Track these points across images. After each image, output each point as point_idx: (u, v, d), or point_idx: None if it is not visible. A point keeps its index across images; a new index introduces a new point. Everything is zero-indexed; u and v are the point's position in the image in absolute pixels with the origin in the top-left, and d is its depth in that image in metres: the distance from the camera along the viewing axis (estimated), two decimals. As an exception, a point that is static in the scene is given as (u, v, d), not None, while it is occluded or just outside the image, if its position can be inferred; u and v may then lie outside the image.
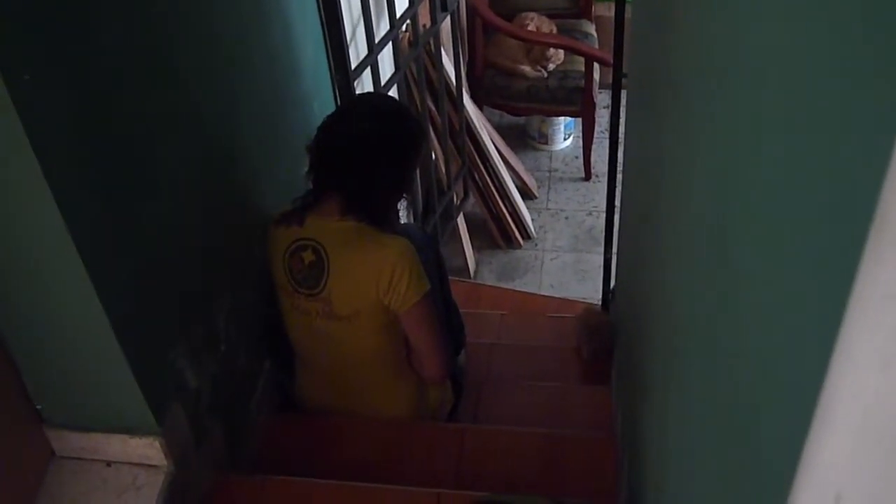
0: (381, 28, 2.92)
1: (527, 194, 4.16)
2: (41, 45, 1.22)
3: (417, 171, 2.62)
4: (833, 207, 0.52)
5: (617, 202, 2.68)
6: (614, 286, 2.85)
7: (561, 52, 4.05)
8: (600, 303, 3.04)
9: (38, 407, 1.61)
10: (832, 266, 0.51)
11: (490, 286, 3.77)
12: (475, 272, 3.86)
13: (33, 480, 1.63)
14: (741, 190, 0.81)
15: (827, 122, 0.54)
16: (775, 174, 0.68)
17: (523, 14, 4.14)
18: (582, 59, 3.94)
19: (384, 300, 1.92)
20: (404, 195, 2.11)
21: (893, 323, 0.42)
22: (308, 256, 1.94)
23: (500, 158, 3.92)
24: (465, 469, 2.05)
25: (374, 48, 2.69)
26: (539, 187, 4.26)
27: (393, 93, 2.90)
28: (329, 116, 1.99)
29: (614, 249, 2.81)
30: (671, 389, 1.30)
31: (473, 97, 4.01)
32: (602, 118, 4.28)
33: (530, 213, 4.05)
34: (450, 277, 2.42)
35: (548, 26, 4.12)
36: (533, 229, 4.02)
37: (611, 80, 2.51)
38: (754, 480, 0.73)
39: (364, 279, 1.91)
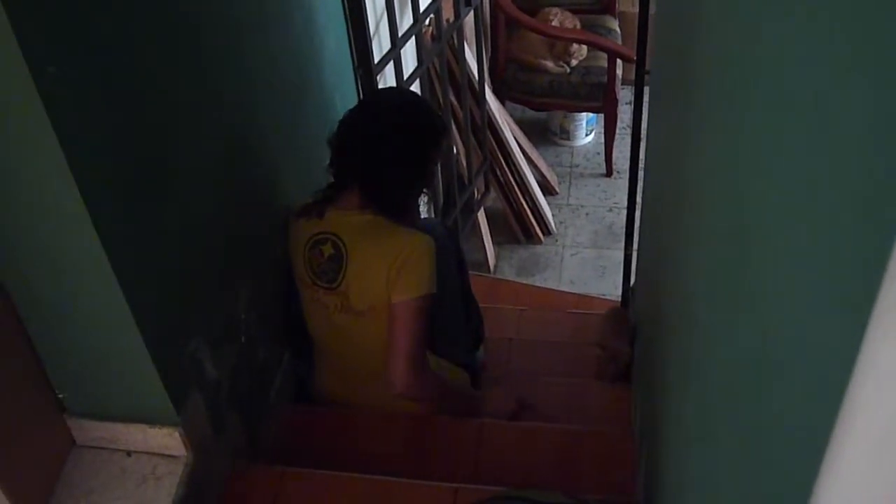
0: (405, 22, 2.92)
1: (548, 190, 4.15)
2: (65, 38, 1.22)
3: (438, 166, 2.61)
4: (858, 209, 0.52)
5: (638, 199, 2.67)
6: (634, 283, 2.84)
7: (584, 47, 4.04)
8: (620, 299, 3.04)
9: (60, 396, 1.63)
10: (857, 273, 0.51)
11: (510, 281, 3.77)
12: (495, 267, 3.86)
13: (53, 469, 1.65)
14: (763, 189, 0.81)
15: (851, 121, 0.53)
16: (798, 174, 0.68)
17: (547, 9, 4.13)
18: (604, 55, 3.93)
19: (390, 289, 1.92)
20: (425, 190, 2.11)
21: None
22: (327, 250, 1.95)
23: (521, 153, 3.91)
24: (482, 464, 2.05)
25: (397, 42, 2.69)
26: (560, 183, 4.25)
27: (415, 87, 2.90)
28: (351, 110, 1.99)
29: (635, 246, 2.80)
30: (690, 389, 1.29)
31: (495, 92, 4.01)
32: (624, 114, 4.27)
33: (551, 208, 4.05)
34: (469, 272, 2.42)
35: (571, 21, 4.11)
36: (553, 225, 4.01)
37: (633, 77, 2.50)
38: (774, 487, 0.72)
39: (380, 273, 1.91)
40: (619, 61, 3.88)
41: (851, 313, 0.49)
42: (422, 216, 2.62)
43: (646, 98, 2.45)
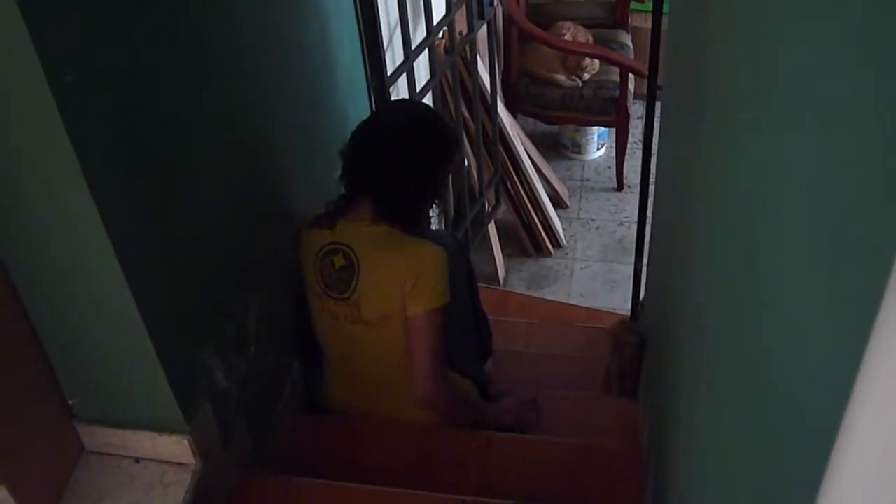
0: (418, 35, 2.94)
1: (558, 203, 4.16)
2: (83, 48, 1.23)
3: (450, 178, 2.62)
4: (865, 227, 0.52)
5: (649, 213, 2.67)
6: (644, 297, 2.84)
7: (596, 62, 4.04)
8: (629, 314, 3.03)
9: (70, 402, 1.63)
10: (868, 286, 0.51)
11: (519, 294, 3.77)
12: (504, 280, 3.86)
13: (62, 474, 1.65)
14: (775, 202, 0.81)
15: (864, 136, 0.54)
16: (811, 188, 0.68)
17: (559, 23, 4.14)
18: (617, 70, 3.93)
19: (404, 303, 1.93)
20: (436, 202, 2.11)
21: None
22: (339, 260, 1.96)
23: (532, 166, 3.92)
24: (489, 477, 2.04)
25: (410, 55, 2.70)
26: (570, 196, 4.26)
27: (428, 99, 2.91)
28: (364, 122, 2.00)
29: (645, 260, 2.80)
30: (699, 405, 1.29)
31: (508, 105, 4.01)
32: (635, 129, 4.27)
33: (561, 221, 4.05)
34: (479, 284, 2.42)
35: (584, 36, 4.11)
36: (563, 238, 4.01)
37: (645, 91, 2.51)
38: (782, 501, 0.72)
39: (393, 284, 1.91)
40: (631, 76, 3.89)
41: (860, 328, 0.49)
42: (432, 228, 2.62)
43: (657, 113, 2.45)
